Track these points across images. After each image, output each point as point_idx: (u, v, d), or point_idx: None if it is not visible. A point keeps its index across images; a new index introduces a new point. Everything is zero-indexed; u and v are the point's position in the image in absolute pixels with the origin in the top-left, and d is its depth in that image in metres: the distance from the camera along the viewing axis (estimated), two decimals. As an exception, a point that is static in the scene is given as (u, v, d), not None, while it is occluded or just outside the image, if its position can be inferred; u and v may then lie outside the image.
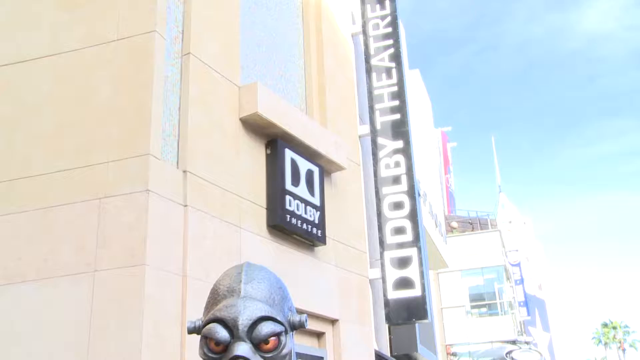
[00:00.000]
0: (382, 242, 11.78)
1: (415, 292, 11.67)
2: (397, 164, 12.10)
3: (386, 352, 14.10)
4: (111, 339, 5.10)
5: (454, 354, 33.45)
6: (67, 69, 6.13)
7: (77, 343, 5.18)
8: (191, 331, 1.85)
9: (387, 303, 11.76)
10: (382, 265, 11.72)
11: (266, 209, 6.70)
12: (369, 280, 8.91)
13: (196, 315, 5.32)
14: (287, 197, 6.78)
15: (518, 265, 38.77)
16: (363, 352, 8.09)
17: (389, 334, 14.74)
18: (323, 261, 7.45)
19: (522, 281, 38.60)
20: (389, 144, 12.27)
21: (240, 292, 1.80)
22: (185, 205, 5.72)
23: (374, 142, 12.29)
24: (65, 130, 5.93)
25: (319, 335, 7.39)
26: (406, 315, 11.86)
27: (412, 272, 11.72)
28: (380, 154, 12.21)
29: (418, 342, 15.56)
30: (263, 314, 1.77)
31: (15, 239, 5.76)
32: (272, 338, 1.76)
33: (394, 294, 11.72)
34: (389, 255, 11.80)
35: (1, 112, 6.30)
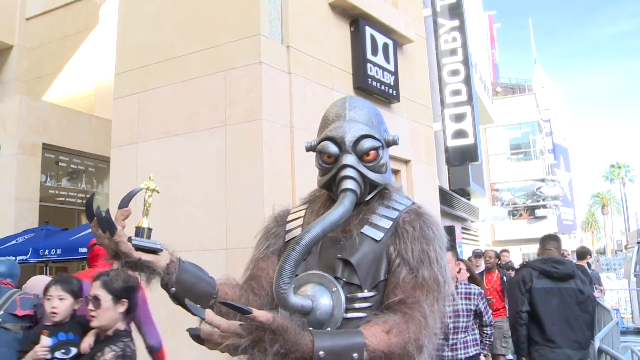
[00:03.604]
0: (442, 102, 11.41)
1: (468, 141, 11.41)
2: (454, 39, 11.46)
3: (446, 187, 14.02)
4: (241, 174, 5.16)
5: (497, 190, 33.19)
6: (195, -27, 5.91)
7: (217, 178, 5.28)
8: (308, 149, 1.76)
9: (446, 149, 11.55)
10: (443, 120, 11.41)
11: (352, 74, 6.44)
12: (433, 132, 8.61)
13: (300, 155, 5.34)
14: (368, 65, 6.48)
15: (548, 121, 37.27)
16: (429, 186, 7.97)
17: (448, 173, 14.61)
18: (397, 115, 7.21)
19: (551, 133, 37.28)
20: (447, 23, 11.58)
21: (345, 116, 1.69)
22: (289, 73, 5.55)
23: (434, 22, 11.62)
24: (197, 21, 5.80)
25: (395, 172, 7.29)
26: (461, 158, 11.66)
27: (466, 125, 11.39)
28: (440, 31, 11.57)
29: (470, 179, 15.39)
30: (364, 132, 1.66)
31: (168, 104, 5.81)
32: (372, 151, 1.66)
33: (452, 142, 11.49)
34: (448, 112, 11.46)
35: (151, 12, 6.23)
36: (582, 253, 8.30)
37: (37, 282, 3.88)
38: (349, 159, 1.63)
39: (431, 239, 1.58)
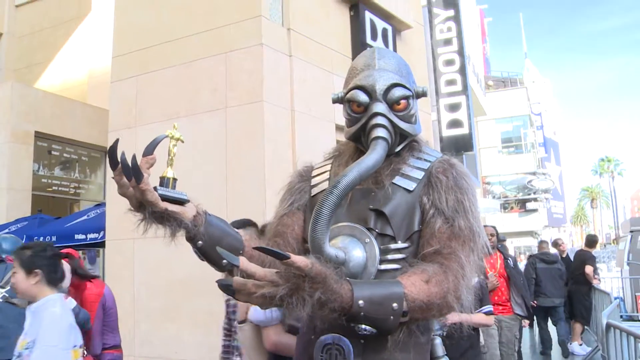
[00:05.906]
0: (437, 92, 11.40)
1: (463, 131, 11.41)
2: (449, 29, 11.46)
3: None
4: (242, 157, 5.13)
5: (488, 183, 33.33)
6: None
7: (218, 160, 5.24)
8: (335, 101, 1.71)
9: (441, 139, 11.54)
10: (438, 110, 11.40)
11: (351, 58, 6.42)
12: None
13: (301, 138, 5.30)
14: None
15: (539, 114, 37.50)
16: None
17: (442, 163, 14.58)
18: (396, 101, 7.21)
19: (542, 127, 37.50)
20: (442, 13, 11.58)
21: (375, 65, 1.65)
22: (290, 56, 5.52)
23: (429, 12, 11.61)
24: (198, 2, 5.75)
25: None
26: (456, 148, 11.64)
27: (461, 115, 11.39)
28: (435, 21, 11.56)
29: (464, 170, 15.39)
30: (395, 81, 1.61)
31: (168, 86, 5.75)
32: (403, 100, 1.61)
33: (447, 132, 11.48)
34: (443, 102, 11.45)
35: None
36: (592, 242, 9.19)
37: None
38: (380, 107, 1.59)
39: (465, 189, 1.55)
